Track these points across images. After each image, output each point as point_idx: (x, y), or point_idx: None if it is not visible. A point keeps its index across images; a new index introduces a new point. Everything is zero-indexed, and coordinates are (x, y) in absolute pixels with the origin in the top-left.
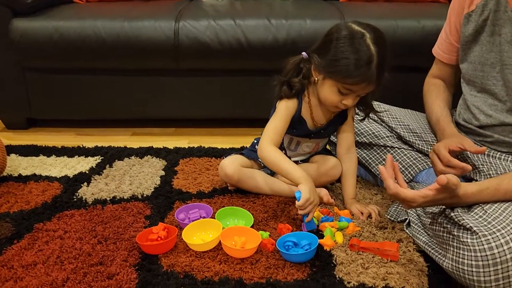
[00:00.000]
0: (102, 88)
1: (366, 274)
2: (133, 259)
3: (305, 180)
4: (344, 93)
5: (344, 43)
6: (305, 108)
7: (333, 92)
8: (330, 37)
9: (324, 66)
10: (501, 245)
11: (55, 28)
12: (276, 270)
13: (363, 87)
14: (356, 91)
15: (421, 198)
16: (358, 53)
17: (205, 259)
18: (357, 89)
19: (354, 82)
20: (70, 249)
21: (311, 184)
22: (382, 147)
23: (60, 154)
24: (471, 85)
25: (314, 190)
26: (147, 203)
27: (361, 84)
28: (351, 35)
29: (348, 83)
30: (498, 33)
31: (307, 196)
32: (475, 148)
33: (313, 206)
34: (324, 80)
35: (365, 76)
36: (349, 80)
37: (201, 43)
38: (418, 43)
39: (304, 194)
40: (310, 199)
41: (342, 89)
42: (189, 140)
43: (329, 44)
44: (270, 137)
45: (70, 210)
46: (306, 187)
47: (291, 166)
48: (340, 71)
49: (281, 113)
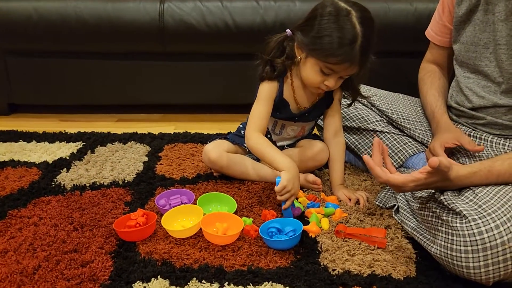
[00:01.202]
0: (85, 73)
1: (352, 261)
2: (110, 246)
3: (287, 168)
4: (326, 73)
5: (329, 20)
6: (288, 91)
7: (315, 72)
8: (314, 13)
9: (306, 44)
10: (491, 229)
11: (34, 8)
12: (258, 258)
13: (345, 67)
14: (339, 71)
15: (412, 182)
16: (342, 31)
17: (185, 246)
18: (339, 69)
19: (336, 62)
20: (44, 236)
21: (293, 174)
22: (371, 132)
23: (40, 139)
24: (464, 66)
25: (295, 180)
26: (128, 189)
27: (343, 64)
28: (336, 12)
29: (330, 62)
30: (492, 11)
31: (284, 183)
32: (473, 146)
33: (291, 195)
34: (306, 59)
35: (348, 56)
36: (331, 59)
37: (187, 25)
38: (411, 26)
39: (282, 181)
40: (287, 187)
41: (324, 68)
42: (176, 126)
43: (313, 21)
44: (254, 124)
45: (47, 196)
46: (286, 175)
47: (276, 154)
48: (322, 49)
49: (263, 96)
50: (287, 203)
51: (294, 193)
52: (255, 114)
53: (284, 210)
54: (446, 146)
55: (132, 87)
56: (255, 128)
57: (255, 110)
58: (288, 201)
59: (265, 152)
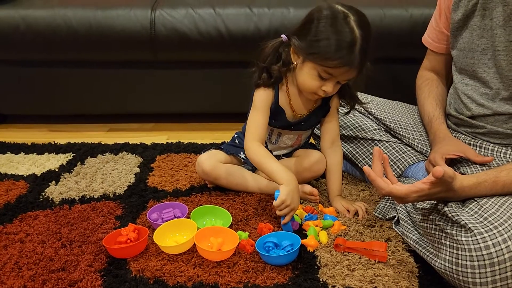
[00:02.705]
0: (75, 82)
1: (352, 276)
2: (99, 264)
3: (287, 181)
4: (324, 78)
5: (326, 23)
6: (284, 98)
7: (312, 77)
8: (311, 17)
9: (303, 48)
10: (498, 244)
11: (22, 18)
12: (255, 274)
13: (344, 71)
14: (337, 75)
15: (415, 192)
16: (341, 34)
17: (178, 263)
18: (338, 73)
19: (335, 65)
20: (31, 253)
21: (293, 187)
22: (369, 141)
23: (29, 151)
24: (463, 73)
25: (295, 194)
26: (119, 203)
27: (342, 68)
28: (334, 15)
29: (328, 66)
30: (489, 17)
31: (283, 198)
32: (481, 158)
33: (290, 210)
34: (303, 64)
35: (347, 59)
36: (329, 62)
37: (179, 33)
38: (406, 32)
39: (281, 195)
40: (286, 201)
41: (322, 73)
42: (168, 136)
43: (310, 25)
44: (252, 134)
45: (34, 211)
46: (286, 189)
47: (276, 166)
48: (320, 52)
49: (259, 105)
50: (287, 218)
51: (294, 207)
52: (252, 124)
53: (283, 225)
54: (447, 158)
55: (123, 96)
56: (254, 138)
57: (252, 119)
58: (288, 216)
59: (264, 163)
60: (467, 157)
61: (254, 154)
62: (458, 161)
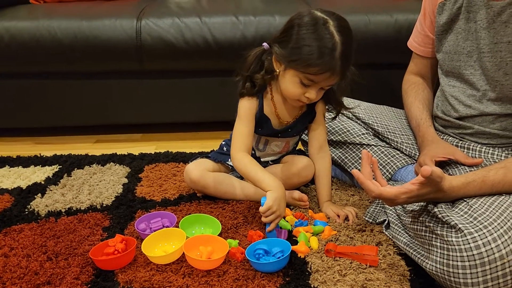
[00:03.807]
0: (61, 93)
1: (344, 281)
2: (86, 277)
3: (274, 187)
4: (307, 85)
5: (307, 30)
6: (268, 106)
7: (294, 84)
8: (291, 24)
9: (285, 56)
10: (488, 243)
11: (5, 29)
12: (245, 282)
13: (326, 77)
14: (319, 82)
15: (404, 194)
16: (321, 40)
17: (167, 273)
18: (320, 79)
19: (316, 72)
20: (15, 268)
21: (279, 194)
22: (358, 145)
23: (14, 164)
24: (450, 76)
25: (281, 201)
26: (107, 214)
27: (324, 74)
28: (314, 22)
29: (310, 73)
30: (473, 19)
31: (269, 204)
32: (470, 160)
33: (276, 217)
34: (285, 71)
35: (329, 65)
36: (311, 69)
37: (165, 42)
38: (391, 37)
39: (267, 201)
40: (272, 208)
41: (304, 79)
42: (157, 146)
43: (291, 32)
44: (238, 144)
45: (19, 224)
46: (272, 195)
47: (262, 174)
48: (301, 59)
49: (243, 114)
50: (272, 225)
51: (280, 214)
52: (237, 134)
53: (268, 232)
54: (436, 160)
55: (110, 107)
56: (240, 148)
57: (237, 130)
58: (273, 223)
59: (250, 171)
60: (456, 159)
61: (240, 164)
62: (447, 163)
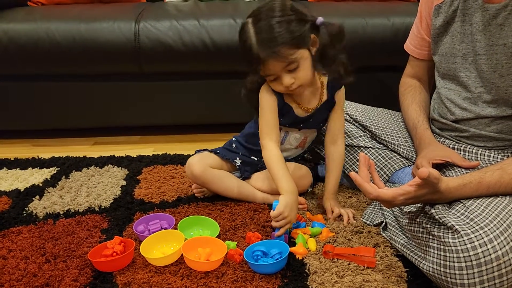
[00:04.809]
0: (60, 95)
1: (342, 283)
2: (84, 278)
3: (288, 193)
4: (273, 79)
5: (240, 40)
6: (288, 95)
7: (270, 82)
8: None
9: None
10: (484, 244)
11: (3, 31)
12: (244, 283)
13: (270, 65)
14: (271, 70)
15: (402, 195)
16: (244, 44)
17: (166, 275)
18: (269, 69)
19: (261, 69)
20: (13, 270)
21: (293, 199)
22: (355, 148)
23: (12, 166)
24: (446, 78)
25: (293, 206)
26: (105, 216)
27: (265, 65)
28: (240, 30)
29: (261, 72)
30: (469, 22)
31: (281, 209)
32: (467, 163)
33: (286, 223)
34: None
35: (257, 58)
36: (255, 69)
37: (163, 45)
38: (388, 40)
39: (279, 206)
40: (284, 213)
41: (267, 77)
42: (155, 148)
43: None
44: (267, 133)
45: (17, 226)
46: (285, 200)
47: (283, 174)
48: (249, 66)
49: (266, 104)
50: (281, 230)
51: (291, 220)
52: (264, 122)
53: (276, 237)
54: (433, 163)
55: (108, 109)
56: (270, 138)
57: (263, 118)
58: (282, 229)
59: (274, 167)
60: (453, 162)
61: (268, 155)
62: (443, 165)
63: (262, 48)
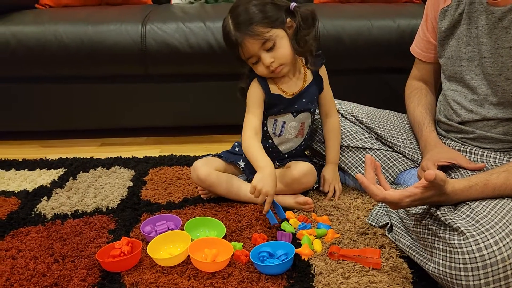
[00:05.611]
0: (67, 97)
1: (347, 284)
2: (93, 278)
3: (261, 168)
4: (254, 62)
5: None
6: (273, 86)
7: (253, 66)
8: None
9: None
10: (490, 246)
11: (12, 34)
12: (250, 284)
13: (247, 45)
14: (250, 51)
15: (408, 197)
16: (224, 31)
17: (173, 275)
18: (248, 51)
19: (241, 52)
20: (23, 269)
21: (266, 173)
22: (360, 149)
23: (20, 167)
24: (452, 80)
25: (267, 179)
26: (112, 217)
27: (243, 47)
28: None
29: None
30: (475, 25)
31: (254, 184)
32: (472, 165)
33: (264, 196)
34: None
35: (235, 41)
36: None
37: (170, 47)
38: (394, 42)
39: (252, 181)
40: (257, 187)
41: (248, 61)
42: (161, 149)
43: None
44: (246, 127)
45: (26, 226)
46: (257, 176)
47: (257, 154)
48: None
49: (251, 103)
50: (266, 205)
51: (267, 192)
52: (246, 122)
53: (267, 215)
54: (439, 164)
55: (115, 110)
56: (247, 127)
57: (246, 119)
58: (266, 204)
59: (249, 148)
60: (458, 164)
61: (245, 142)
62: (449, 167)
63: (238, 30)
